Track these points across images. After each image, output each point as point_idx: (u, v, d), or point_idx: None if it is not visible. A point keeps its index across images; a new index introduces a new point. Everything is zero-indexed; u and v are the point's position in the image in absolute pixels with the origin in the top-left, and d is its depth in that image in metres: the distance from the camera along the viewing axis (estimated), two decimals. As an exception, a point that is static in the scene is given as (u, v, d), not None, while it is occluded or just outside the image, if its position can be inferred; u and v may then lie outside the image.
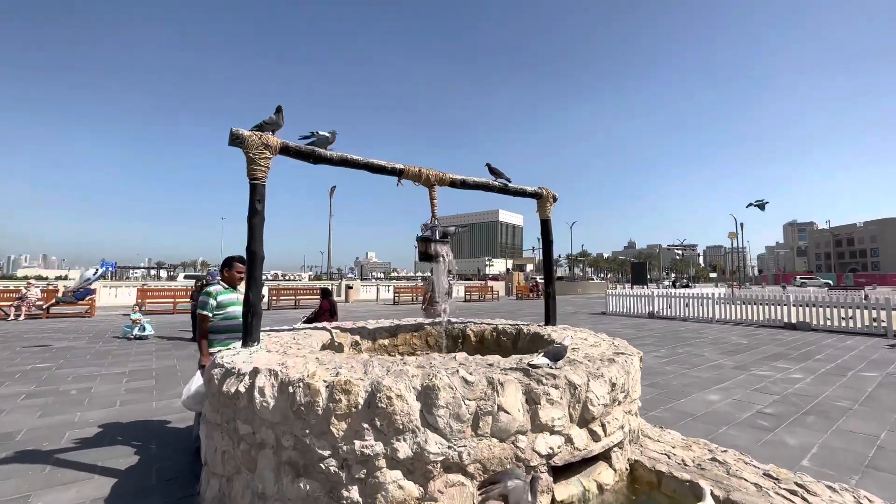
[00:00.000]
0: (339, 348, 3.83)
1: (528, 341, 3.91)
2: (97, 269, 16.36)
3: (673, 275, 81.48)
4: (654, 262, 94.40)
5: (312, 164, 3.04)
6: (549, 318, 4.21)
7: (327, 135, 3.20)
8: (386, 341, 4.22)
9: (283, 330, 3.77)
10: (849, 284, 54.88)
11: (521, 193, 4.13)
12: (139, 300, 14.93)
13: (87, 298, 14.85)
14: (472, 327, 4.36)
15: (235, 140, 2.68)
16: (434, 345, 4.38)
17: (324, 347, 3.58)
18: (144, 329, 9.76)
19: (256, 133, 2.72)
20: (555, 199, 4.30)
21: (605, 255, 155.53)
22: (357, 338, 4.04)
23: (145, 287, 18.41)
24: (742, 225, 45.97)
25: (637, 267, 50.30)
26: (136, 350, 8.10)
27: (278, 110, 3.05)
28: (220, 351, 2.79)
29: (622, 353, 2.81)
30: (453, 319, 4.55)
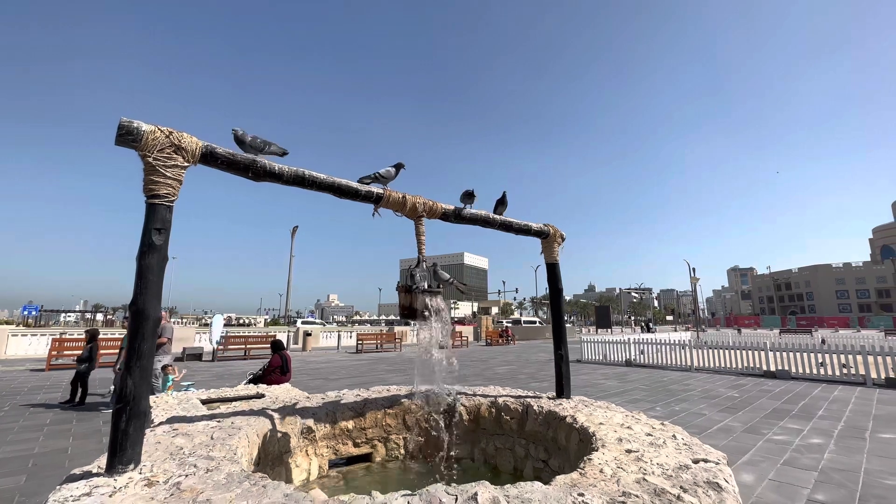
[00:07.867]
0: (283, 440, 2.73)
1: (539, 424, 2.98)
2: None
3: (642, 318, 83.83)
4: (614, 305, 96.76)
5: (252, 180, 2.12)
6: (563, 388, 3.33)
7: (391, 169, 2.77)
8: (350, 424, 3.15)
9: (199, 418, 2.64)
10: (792, 328, 58.27)
11: (526, 231, 3.37)
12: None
13: (-17, 351, 12.40)
14: (463, 401, 3.39)
15: (126, 137, 1.74)
16: (414, 425, 3.35)
17: (260, 447, 2.48)
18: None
19: (163, 129, 1.80)
20: (563, 239, 3.57)
21: (568, 298, 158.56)
22: (310, 422, 2.96)
23: (63, 336, 15.78)
24: (695, 270, 48.40)
25: (601, 310, 50.86)
26: (24, 423, 6.35)
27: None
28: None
29: (702, 462, 1.95)
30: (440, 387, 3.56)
